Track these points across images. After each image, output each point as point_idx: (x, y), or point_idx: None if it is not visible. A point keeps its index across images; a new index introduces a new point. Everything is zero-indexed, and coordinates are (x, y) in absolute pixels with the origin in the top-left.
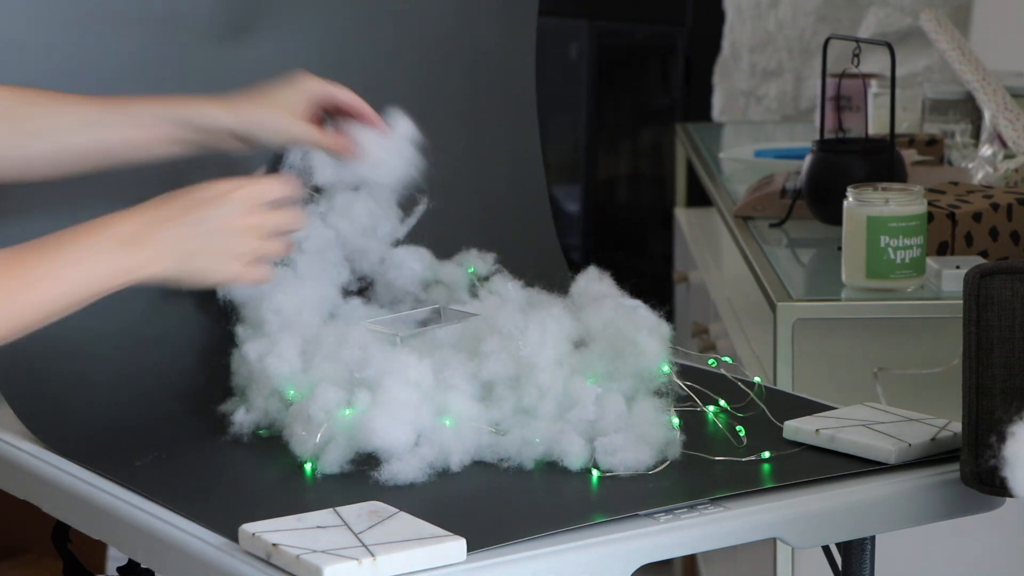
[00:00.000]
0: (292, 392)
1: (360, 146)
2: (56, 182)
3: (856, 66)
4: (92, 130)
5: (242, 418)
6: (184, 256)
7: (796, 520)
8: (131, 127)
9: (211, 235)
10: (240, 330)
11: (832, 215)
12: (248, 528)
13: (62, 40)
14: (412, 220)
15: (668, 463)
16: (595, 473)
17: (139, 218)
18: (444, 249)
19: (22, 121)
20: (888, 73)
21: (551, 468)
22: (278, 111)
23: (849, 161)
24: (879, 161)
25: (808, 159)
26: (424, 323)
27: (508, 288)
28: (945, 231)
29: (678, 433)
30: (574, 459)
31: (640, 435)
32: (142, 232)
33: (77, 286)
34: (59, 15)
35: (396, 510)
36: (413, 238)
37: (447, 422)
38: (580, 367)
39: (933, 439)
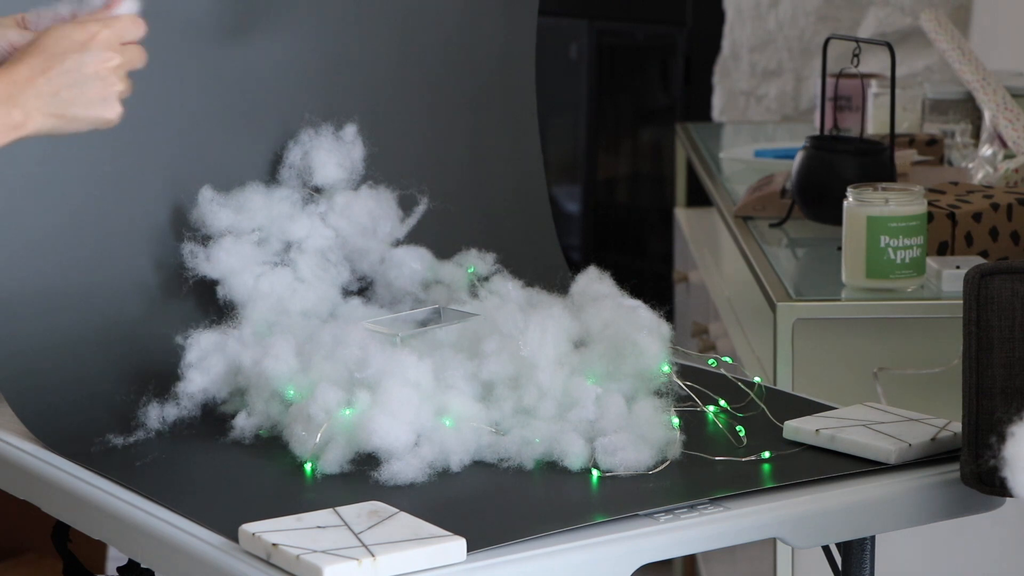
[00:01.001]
0: (292, 392)
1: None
2: None
3: (856, 66)
4: None
5: (243, 421)
6: (61, 106)
7: (796, 520)
8: None
9: (84, 82)
10: (238, 330)
11: (820, 213)
12: (248, 528)
13: None
14: (412, 220)
15: (668, 463)
16: (595, 473)
17: (9, 76)
18: (444, 249)
19: None
20: (888, 73)
21: (551, 468)
22: None
23: (839, 160)
24: (871, 162)
25: (799, 156)
26: (424, 323)
27: (508, 288)
28: (945, 231)
29: (678, 433)
30: (574, 459)
31: (640, 435)
32: (15, 89)
33: None
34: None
35: (396, 510)
36: (413, 238)
37: (447, 422)
38: (580, 367)
39: (933, 439)
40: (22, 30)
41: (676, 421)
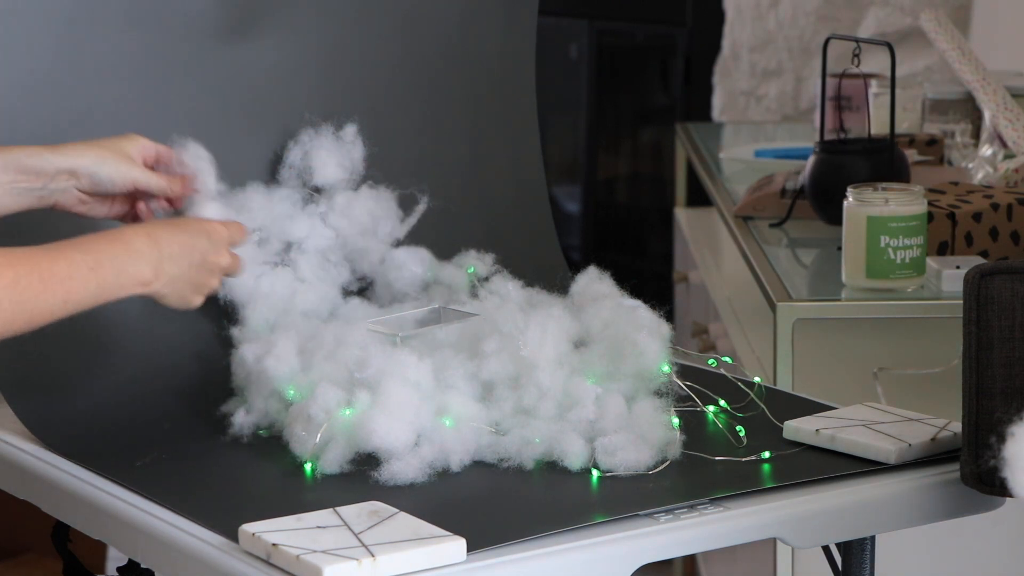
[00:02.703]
0: (292, 392)
1: (196, 186)
2: None
3: (856, 66)
4: None
5: (242, 419)
6: (173, 279)
7: (796, 520)
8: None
9: (195, 267)
10: (237, 331)
11: (835, 215)
12: (248, 528)
13: (63, 41)
14: (412, 220)
15: (668, 463)
16: (595, 473)
17: (152, 235)
18: (444, 249)
19: None
20: (888, 73)
21: (551, 468)
22: (118, 155)
23: (851, 161)
24: (881, 161)
25: (811, 160)
26: (424, 323)
27: (508, 288)
28: (945, 231)
29: (678, 433)
30: (574, 459)
31: (640, 435)
32: (157, 255)
33: (111, 292)
34: (59, 16)
35: (396, 510)
36: (413, 238)
37: (447, 422)
38: (580, 367)
39: (933, 439)
40: (64, 152)
41: (676, 421)
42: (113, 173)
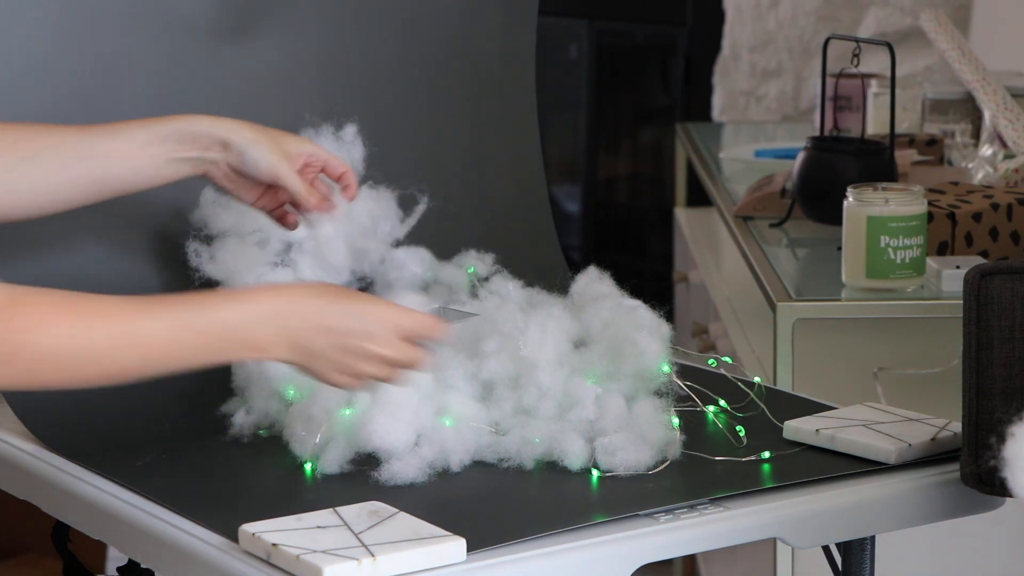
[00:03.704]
0: (292, 392)
1: (333, 207)
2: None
3: (856, 66)
4: (91, 153)
5: (242, 420)
6: (306, 352)
7: (796, 520)
8: (130, 145)
9: (342, 350)
10: None
11: (822, 214)
12: (248, 528)
13: (62, 40)
14: (412, 220)
15: (668, 463)
16: (595, 473)
17: (287, 298)
18: (444, 249)
19: (11, 146)
20: (888, 73)
21: (551, 468)
22: (273, 144)
23: (841, 160)
24: (872, 162)
25: (800, 156)
26: None
27: (508, 288)
28: (945, 231)
29: (678, 433)
30: (574, 459)
31: (640, 435)
32: (279, 317)
33: (186, 350)
34: (59, 15)
35: (396, 510)
36: (413, 238)
37: (447, 422)
38: (580, 367)
39: (933, 439)
40: (226, 123)
41: (676, 421)
42: (260, 158)
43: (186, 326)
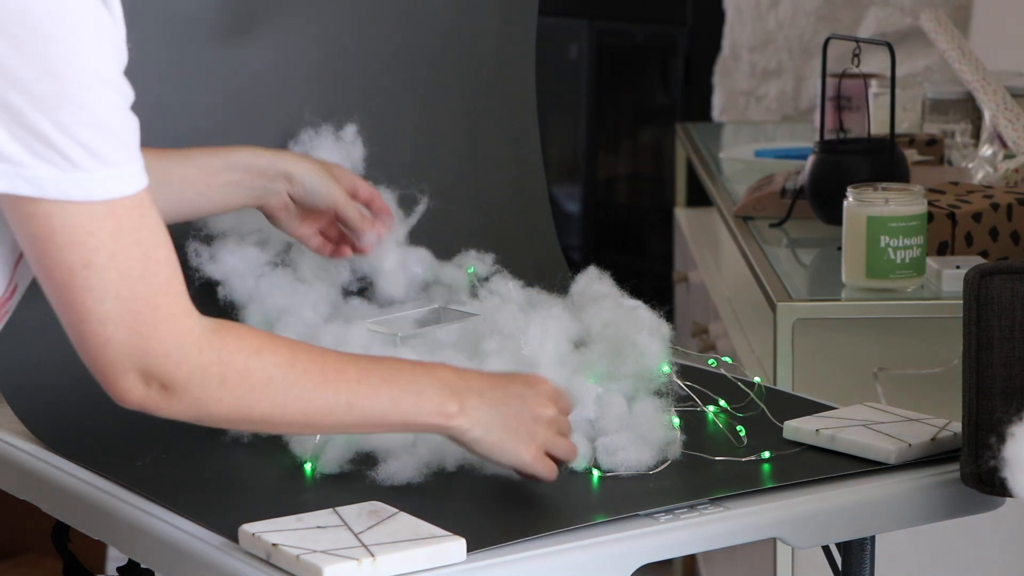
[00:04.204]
0: None
1: (379, 238)
2: None
3: (856, 66)
4: (167, 179)
5: None
6: (488, 423)
7: (796, 520)
8: (202, 174)
9: (516, 414)
10: None
11: (834, 215)
12: (248, 528)
13: None
14: (412, 220)
15: (668, 463)
16: (596, 473)
17: (463, 374)
18: (444, 249)
19: None
20: (888, 73)
21: None
22: (327, 173)
23: (851, 161)
24: (881, 161)
25: (810, 160)
26: (424, 323)
27: (509, 287)
28: (945, 231)
29: (679, 433)
30: (577, 459)
31: (641, 435)
32: (463, 387)
33: (405, 411)
34: None
35: (396, 510)
36: (413, 238)
37: None
38: (580, 367)
39: (933, 439)
40: (285, 156)
41: (676, 421)
42: (321, 186)
43: (381, 376)
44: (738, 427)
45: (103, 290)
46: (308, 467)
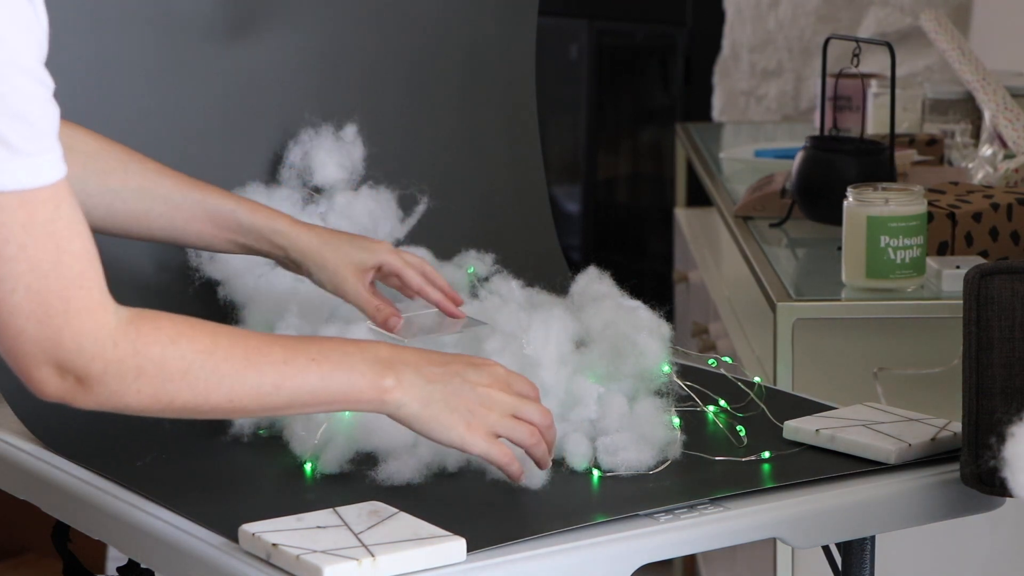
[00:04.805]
0: None
1: (402, 321)
2: None
3: (856, 66)
4: (173, 213)
5: (242, 419)
6: (425, 398)
7: (796, 520)
8: (210, 224)
9: (458, 391)
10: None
11: (820, 213)
12: (248, 528)
13: (62, 41)
14: (412, 220)
15: (669, 463)
16: (596, 473)
17: (399, 350)
18: (444, 249)
19: (104, 173)
20: (888, 73)
21: (553, 468)
22: (340, 262)
23: (839, 160)
24: (871, 162)
25: (799, 156)
26: (424, 323)
27: (511, 287)
28: (945, 231)
29: (679, 433)
30: (578, 459)
31: (642, 435)
32: (398, 361)
33: (337, 389)
34: (58, 16)
35: (396, 510)
36: (413, 238)
37: None
38: (580, 367)
39: (933, 439)
40: (301, 234)
41: (677, 421)
42: (325, 281)
43: (310, 354)
44: (738, 427)
45: (13, 281)
46: (308, 467)
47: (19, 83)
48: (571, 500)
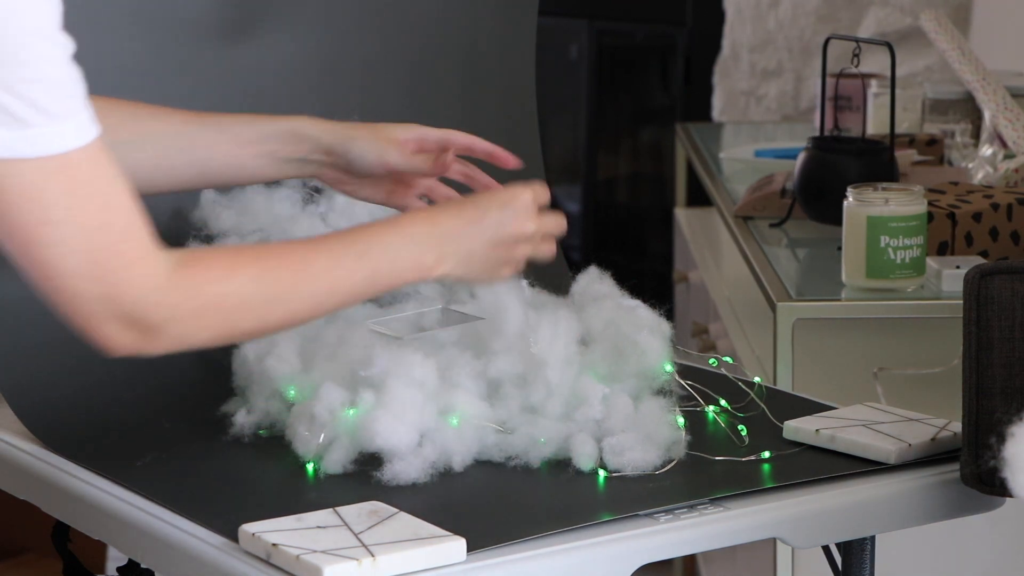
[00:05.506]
0: (293, 392)
1: (468, 176)
2: None
3: (856, 66)
4: (192, 145)
5: (243, 419)
6: (467, 258)
7: (796, 520)
8: (234, 143)
9: (495, 242)
10: None
11: (823, 214)
12: (248, 528)
13: None
14: None
15: (674, 463)
16: (602, 473)
17: (433, 221)
18: None
19: (114, 128)
20: (888, 73)
21: (554, 468)
22: (376, 136)
23: (842, 160)
24: (873, 162)
25: (801, 156)
26: (426, 323)
27: (521, 285)
28: (945, 231)
29: (683, 433)
30: (585, 460)
31: (647, 435)
32: (437, 235)
33: (385, 278)
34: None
35: (396, 510)
36: None
37: (453, 421)
38: (583, 367)
39: (933, 439)
40: (330, 127)
41: (681, 421)
42: (365, 152)
43: (355, 253)
44: (740, 427)
45: (65, 244)
46: (310, 467)
47: (44, 50)
48: (571, 500)
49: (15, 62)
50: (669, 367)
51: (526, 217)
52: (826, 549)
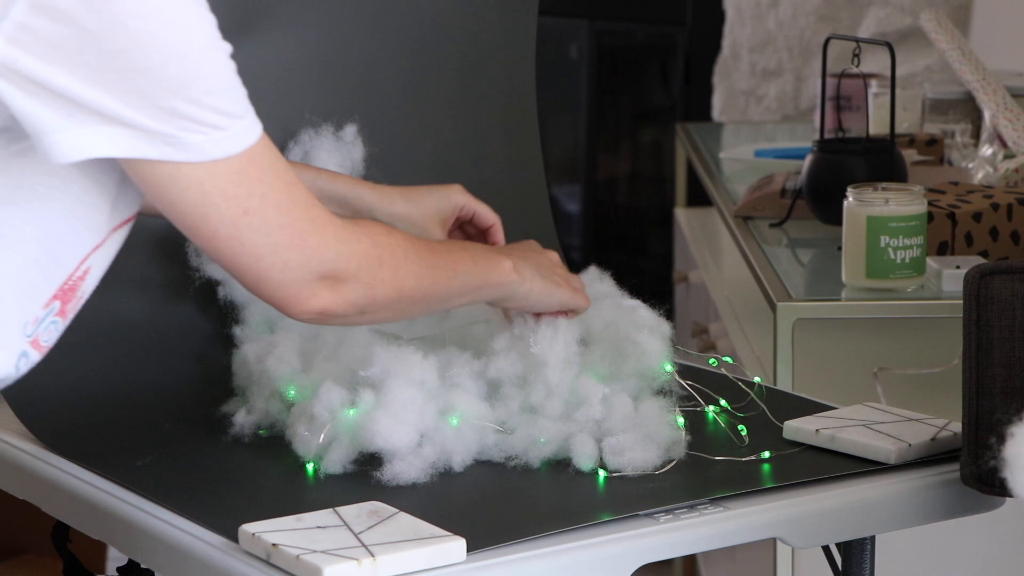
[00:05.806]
0: (293, 392)
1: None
2: None
3: (856, 66)
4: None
5: (243, 419)
6: (532, 274)
7: (796, 520)
8: None
9: (539, 263)
10: (239, 331)
11: (833, 215)
12: (248, 528)
13: None
14: None
15: (675, 463)
16: (601, 473)
17: (496, 248)
18: None
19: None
20: (888, 73)
21: (554, 468)
22: (426, 217)
23: (850, 161)
24: (880, 161)
25: (808, 159)
26: (425, 324)
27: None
28: (945, 231)
29: (683, 433)
30: (585, 460)
31: (647, 435)
32: (494, 249)
33: (483, 272)
34: None
35: (396, 510)
36: None
37: (453, 421)
38: (583, 367)
39: (933, 439)
40: (382, 198)
41: (681, 421)
42: (412, 228)
43: (452, 247)
44: (740, 427)
45: (266, 225)
46: (310, 467)
47: (217, 59)
48: (571, 500)
49: (199, 76)
50: (669, 367)
51: (558, 262)
52: (826, 549)
